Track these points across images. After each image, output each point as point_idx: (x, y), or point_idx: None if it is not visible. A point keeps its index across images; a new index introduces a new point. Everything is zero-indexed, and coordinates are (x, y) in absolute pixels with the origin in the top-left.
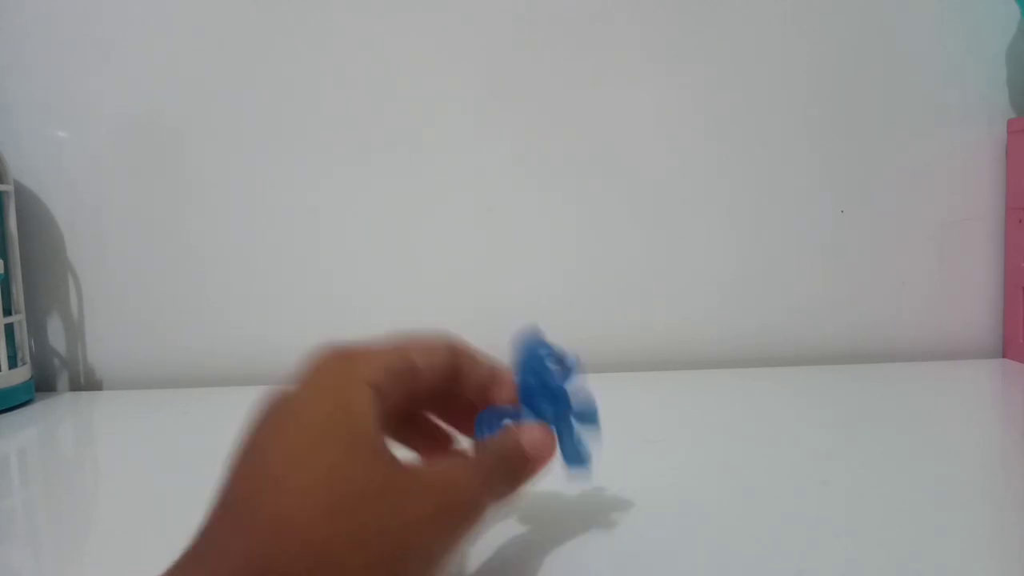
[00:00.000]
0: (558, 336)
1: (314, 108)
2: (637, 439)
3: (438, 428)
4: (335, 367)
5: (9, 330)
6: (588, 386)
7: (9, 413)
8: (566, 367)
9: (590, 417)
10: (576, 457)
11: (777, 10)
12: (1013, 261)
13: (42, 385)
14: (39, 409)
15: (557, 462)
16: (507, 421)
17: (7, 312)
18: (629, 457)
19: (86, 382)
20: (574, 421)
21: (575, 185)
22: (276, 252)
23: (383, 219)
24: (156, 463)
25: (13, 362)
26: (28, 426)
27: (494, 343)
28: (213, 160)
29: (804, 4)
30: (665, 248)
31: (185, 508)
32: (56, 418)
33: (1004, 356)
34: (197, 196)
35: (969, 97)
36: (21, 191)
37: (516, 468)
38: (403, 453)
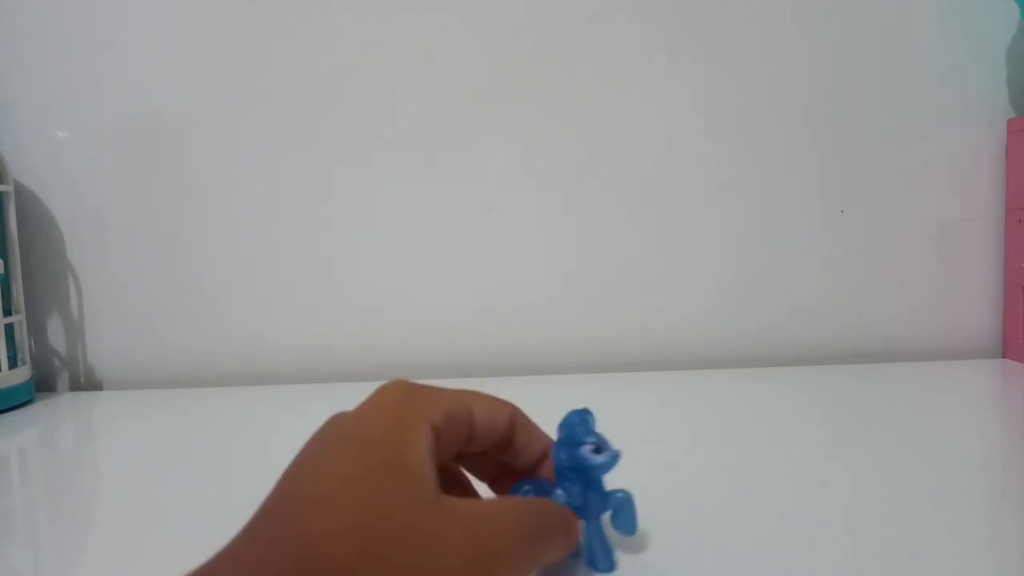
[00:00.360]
0: (558, 336)
1: (314, 108)
2: (637, 439)
3: (471, 487)
4: (399, 399)
5: (9, 330)
6: (631, 492)
7: (9, 413)
8: (605, 458)
9: (626, 522)
10: (597, 557)
11: (777, 10)
12: (1013, 261)
13: (42, 385)
14: (39, 409)
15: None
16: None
17: (7, 312)
18: (628, 457)
19: (86, 382)
20: (611, 522)
21: (575, 185)
22: (276, 252)
23: (383, 219)
24: (156, 463)
25: (13, 362)
26: (28, 426)
27: (494, 342)
28: (213, 160)
29: (804, 4)
30: (665, 248)
31: (185, 508)
32: (56, 418)
33: (1004, 356)
34: (197, 196)
35: (969, 97)
36: (21, 191)
37: (553, 534)
38: None
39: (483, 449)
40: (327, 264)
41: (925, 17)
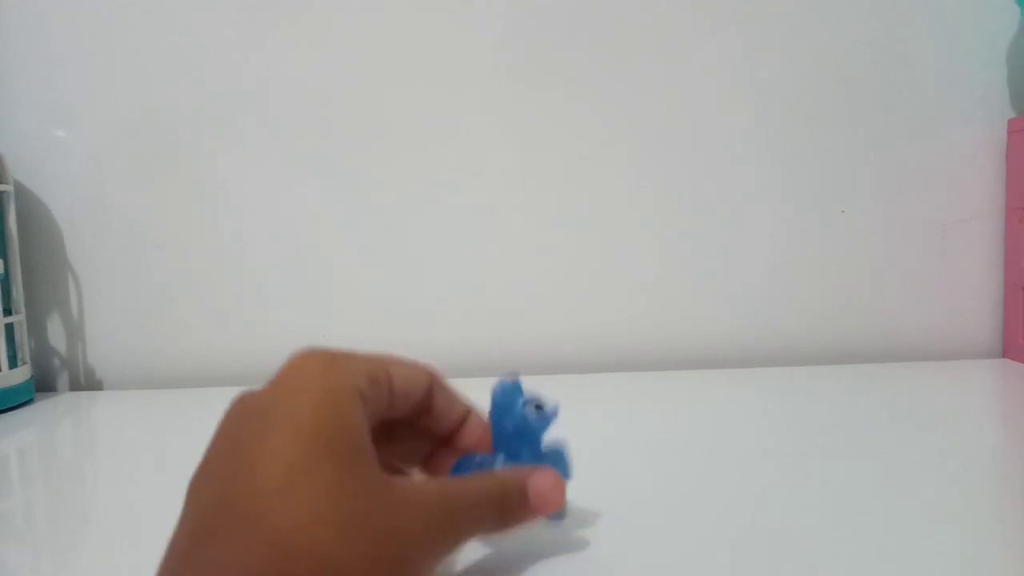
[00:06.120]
0: (558, 335)
1: (314, 108)
2: (635, 439)
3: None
4: (318, 369)
5: (9, 330)
6: (561, 435)
7: (9, 413)
8: (544, 414)
9: (561, 465)
10: None
11: (778, 11)
12: (1013, 261)
13: (42, 385)
14: (39, 409)
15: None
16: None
17: (7, 312)
18: (628, 457)
19: (86, 382)
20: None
21: (574, 185)
22: (276, 251)
23: (383, 219)
24: (156, 463)
25: (13, 362)
26: (28, 426)
27: (493, 342)
28: (213, 160)
29: (805, 4)
30: (664, 249)
31: None
32: (56, 418)
33: (1004, 356)
34: (197, 196)
35: (969, 97)
36: (21, 191)
37: (512, 507)
38: None
39: (403, 414)
40: (326, 264)
41: (925, 17)
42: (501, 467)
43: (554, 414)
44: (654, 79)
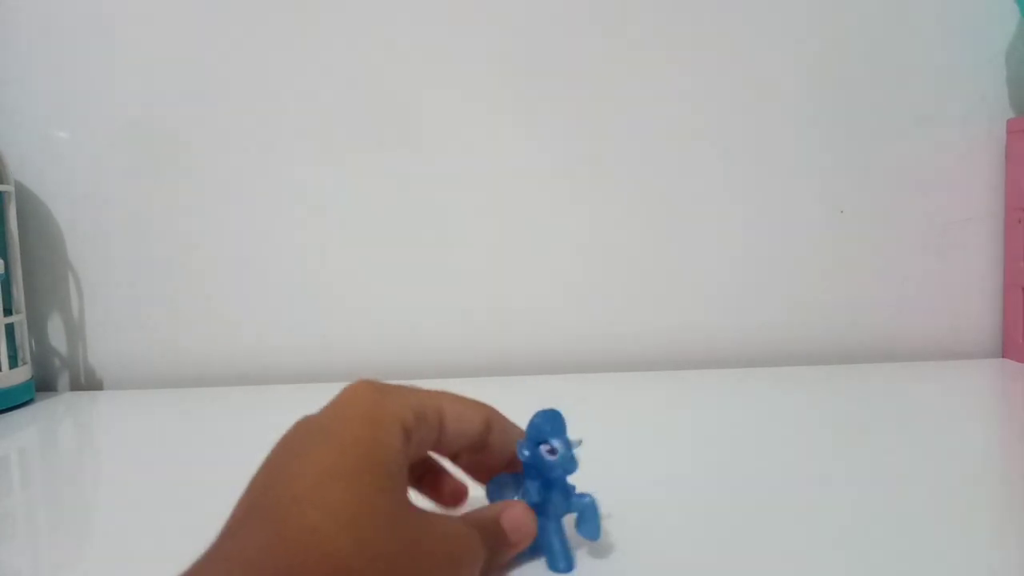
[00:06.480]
0: (559, 335)
1: (316, 107)
2: (636, 439)
3: (443, 477)
4: (369, 399)
5: (9, 330)
6: (597, 497)
7: (9, 413)
8: (555, 459)
9: (589, 528)
10: (556, 557)
11: (778, 11)
12: (1013, 261)
13: (42, 385)
14: (39, 409)
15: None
16: (509, 495)
17: (7, 312)
18: (628, 457)
19: (86, 382)
20: (575, 526)
21: (575, 186)
22: (277, 252)
23: (386, 219)
24: (156, 463)
25: (13, 362)
26: (28, 426)
27: (494, 343)
28: (213, 160)
29: (804, 4)
30: (665, 248)
31: (184, 508)
32: (56, 418)
33: (1003, 356)
34: (197, 196)
35: (969, 97)
36: (22, 191)
37: (495, 541)
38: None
39: (456, 450)
40: (327, 264)
41: (925, 17)
42: (526, 489)
43: (564, 461)
44: (654, 80)
